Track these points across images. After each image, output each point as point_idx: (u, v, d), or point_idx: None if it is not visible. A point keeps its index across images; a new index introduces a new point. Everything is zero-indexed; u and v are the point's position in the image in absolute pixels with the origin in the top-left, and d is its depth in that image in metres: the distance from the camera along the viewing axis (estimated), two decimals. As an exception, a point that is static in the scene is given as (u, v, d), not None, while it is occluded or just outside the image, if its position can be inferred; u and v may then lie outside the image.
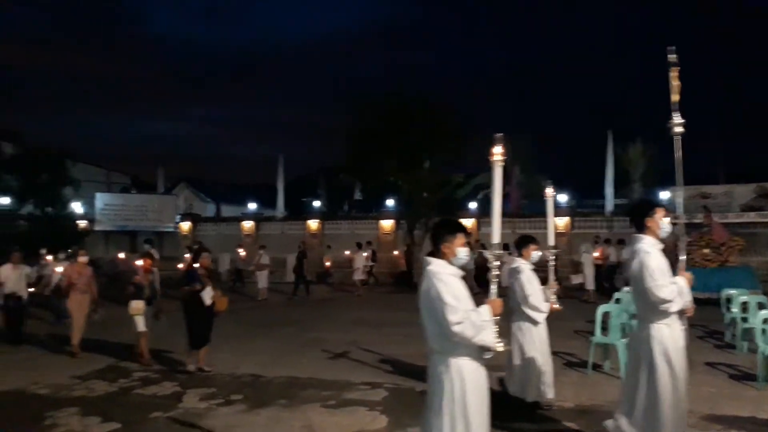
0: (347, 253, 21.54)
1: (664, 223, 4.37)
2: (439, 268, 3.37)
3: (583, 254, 16.79)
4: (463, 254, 3.43)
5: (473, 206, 25.99)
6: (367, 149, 21.80)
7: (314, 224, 27.22)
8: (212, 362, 7.97)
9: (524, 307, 5.75)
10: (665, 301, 4.11)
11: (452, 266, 3.40)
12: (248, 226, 28.38)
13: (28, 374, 7.85)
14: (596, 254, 16.97)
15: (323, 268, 22.49)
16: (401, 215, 24.46)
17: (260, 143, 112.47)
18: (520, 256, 6.01)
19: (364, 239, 21.55)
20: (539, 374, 5.69)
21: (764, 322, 7.02)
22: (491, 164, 3.35)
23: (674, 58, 4.36)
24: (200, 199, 41.79)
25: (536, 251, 5.99)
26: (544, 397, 5.74)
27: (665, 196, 21.42)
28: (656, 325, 4.20)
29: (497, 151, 3.35)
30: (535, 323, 5.75)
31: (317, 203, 33.36)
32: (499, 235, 3.37)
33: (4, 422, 5.88)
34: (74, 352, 8.99)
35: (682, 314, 4.29)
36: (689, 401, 4.51)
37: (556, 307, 5.88)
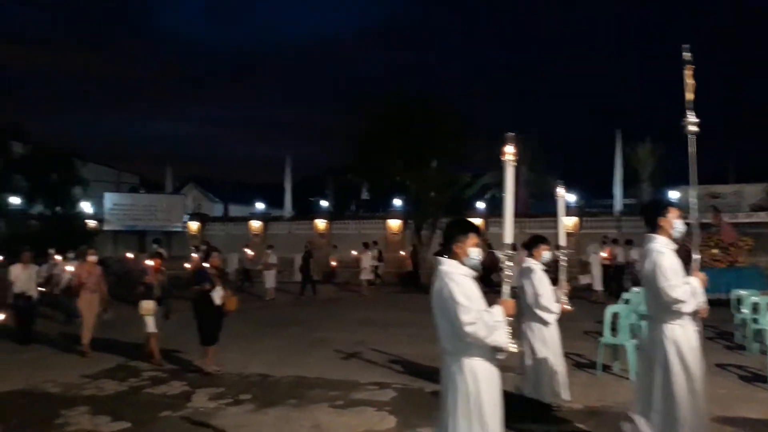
0: (354, 253, 21.57)
1: (677, 222, 4.33)
2: (451, 268, 3.36)
3: (591, 254, 16.74)
4: (475, 254, 3.42)
5: (481, 206, 25.97)
6: (373, 149, 21.82)
7: (322, 224, 27.28)
8: (220, 362, 7.99)
9: (535, 307, 5.72)
10: (678, 301, 4.07)
11: (464, 266, 3.39)
12: (256, 225, 28.47)
13: (38, 373, 7.91)
14: (604, 254, 16.90)
15: (329, 267, 22.52)
16: (409, 215, 24.46)
17: (268, 143, 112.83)
18: (530, 256, 5.97)
19: (371, 239, 21.56)
20: (552, 375, 5.65)
21: (775, 323, 6.97)
22: (503, 164, 3.32)
23: (689, 56, 4.30)
24: (208, 198, 41.98)
25: (547, 251, 5.96)
26: (559, 398, 5.70)
27: (674, 195, 21.29)
28: (669, 325, 4.16)
29: (509, 150, 3.32)
30: (545, 324, 5.73)
31: (325, 203, 33.42)
32: (511, 235, 3.35)
33: (15, 420, 5.93)
34: (84, 351, 9.04)
35: (695, 315, 4.25)
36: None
37: (567, 308, 5.84)
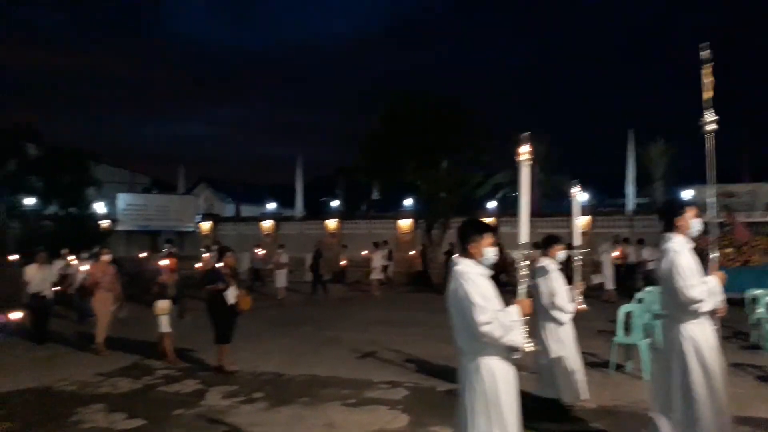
0: (364, 252, 21.58)
1: (694, 222, 4.29)
2: (466, 268, 3.35)
3: (602, 254, 16.63)
4: (491, 254, 3.41)
5: (492, 205, 25.88)
6: (383, 149, 21.79)
7: (332, 224, 27.30)
8: (233, 361, 8.03)
9: (550, 307, 5.68)
10: (696, 301, 4.04)
11: (480, 266, 3.38)
12: (267, 225, 28.56)
13: (53, 371, 8.01)
14: (616, 254, 16.81)
15: (339, 267, 22.54)
16: (419, 215, 24.42)
17: (279, 144, 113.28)
18: (545, 255, 5.95)
19: (382, 239, 21.55)
20: (569, 374, 5.62)
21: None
22: (518, 164, 3.30)
23: (707, 54, 4.26)
24: (220, 199, 42.17)
25: (562, 251, 5.93)
26: (577, 397, 5.67)
27: (688, 194, 21.10)
28: (686, 324, 4.12)
29: (524, 150, 3.30)
30: (560, 323, 5.70)
31: (335, 203, 33.46)
32: (527, 234, 3.33)
33: (31, 418, 6.00)
34: (99, 350, 9.13)
35: (713, 314, 4.21)
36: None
37: (582, 307, 5.81)
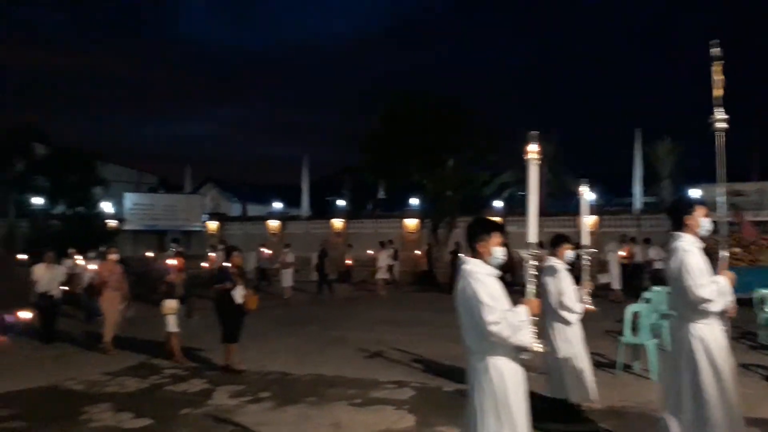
0: (370, 252, 21.59)
1: (703, 221, 4.26)
2: (475, 267, 3.34)
3: (609, 253, 16.58)
4: (499, 254, 3.39)
5: (499, 204, 25.81)
6: (388, 149, 21.79)
7: (338, 223, 27.33)
8: (241, 360, 8.03)
9: (558, 307, 5.67)
10: (705, 300, 4.00)
11: (488, 265, 3.37)
12: (274, 225, 28.63)
13: (61, 370, 8.05)
14: (622, 253, 16.74)
15: (345, 267, 22.57)
16: (425, 214, 24.41)
17: (285, 143, 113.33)
18: (553, 255, 5.92)
19: (388, 238, 21.55)
20: (577, 375, 5.59)
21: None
22: (527, 163, 3.29)
23: (718, 51, 4.22)
24: (226, 198, 42.28)
25: (570, 251, 5.90)
26: (586, 398, 5.64)
27: (696, 193, 20.99)
28: (696, 324, 4.08)
29: (533, 149, 3.29)
30: (568, 323, 5.67)
31: (341, 202, 33.49)
32: (536, 234, 3.31)
33: (40, 416, 6.03)
34: (107, 349, 9.18)
35: (723, 314, 4.18)
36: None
37: (590, 307, 5.77)
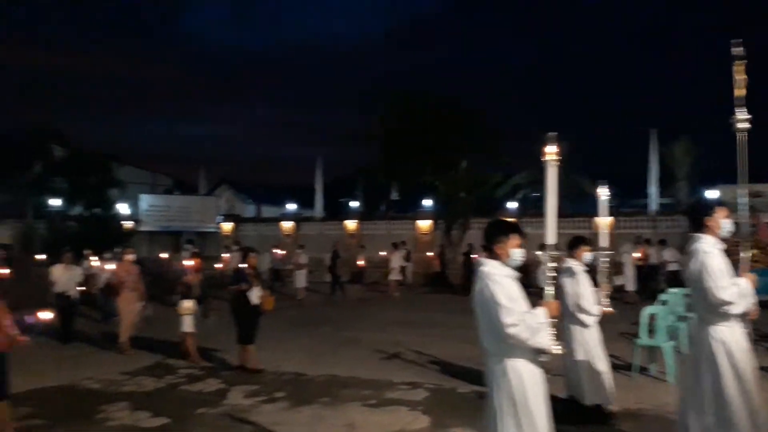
0: (382, 253, 21.59)
1: (724, 222, 4.20)
2: (492, 269, 3.32)
3: (623, 255, 16.43)
4: (517, 255, 3.38)
5: (512, 206, 25.72)
6: (401, 150, 21.78)
7: (352, 225, 27.37)
8: (258, 361, 8.00)
9: (575, 309, 5.62)
10: (726, 303, 3.94)
11: (506, 267, 3.36)
12: (288, 226, 28.75)
13: (79, 370, 8.14)
14: (637, 255, 16.59)
15: (357, 268, 22.59)
16: (439, 215, 24.37)
17: (299, 144, 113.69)
18: (571, 257, 5.88)
19: (401, 240, 21.53)
20: (595, 377, 5.55)
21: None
22: (545, 164, 3.28)
23: (740, 51, 4.16)
24: (241, 200, 42.56)
25: (588, 253, 5.86)
26: (606, 400, 5.59)
27: (713, 194, 20.78)
28: (716, 327, 4.02)
29: (551, 150, 3.27)
30: (585, 326, 5.63)
31: (355, 204, 33.54)
32: (554, 235, 3.30)
33: (59, 415, 6.11)
34: (123, 348, 9.27)
35: (744, 317, 4.11)
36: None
37: (607, 310, 5.72)
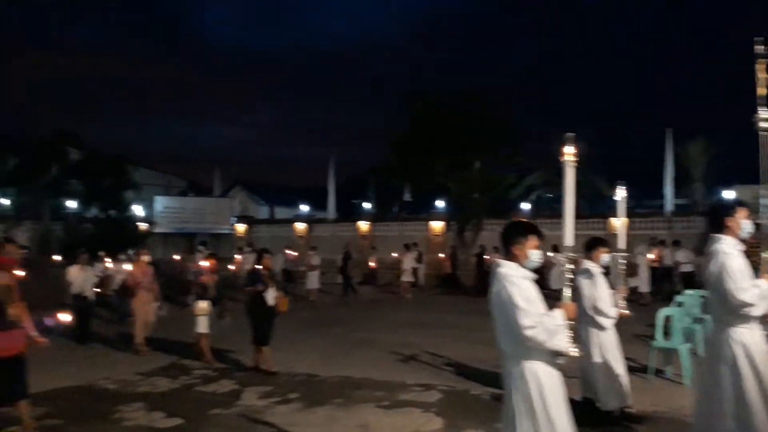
0: (395, 254, 21.60)
1: (745, 223, 4.12)
2: (510, 270, 3.29)
3: (638, 256, 16.29)
4: (535, 257, 3.35)
5: (526, 207, 25.60)
6: (414, 150, 21.78)
7: (364, 226, 27.40)
8: (273, 363, 8.01)
9: (592, 312, 5.58)
10: (747, 304, 3.87)
11: (524, 269, 3.32)
12: (301, 227, 28.85)
13: (95, 370, 8.23)
14: (651, 256, 16.43)
15: (369, 269, 22.60)
16: (451, 217, 24.32)
17: (312, 146, 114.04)
18: (589, 259, 5.84)
19: (413, 241, 21.52)
20: (612, 380, 5.50)
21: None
22: (563, 164, 3.25)
23: (762, 49, 4.10)
24: (254, 201, 42.83)
25: (606, 254, 5.82)
26: (622, 402, 5.54)
27: (730, 194, 20.51)
28: (736, 329, 3.95)
29: (569, 151, 3.24)
30: (602, 328, 5.59)
31: (367, 205, 33.57)
32: (572, 237, 3.26)
33: (75, 414, 6.18)
34: (139, 349, 9.36)
35: (764, 319, 4.04)
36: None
37: (624, 312, 5.67)
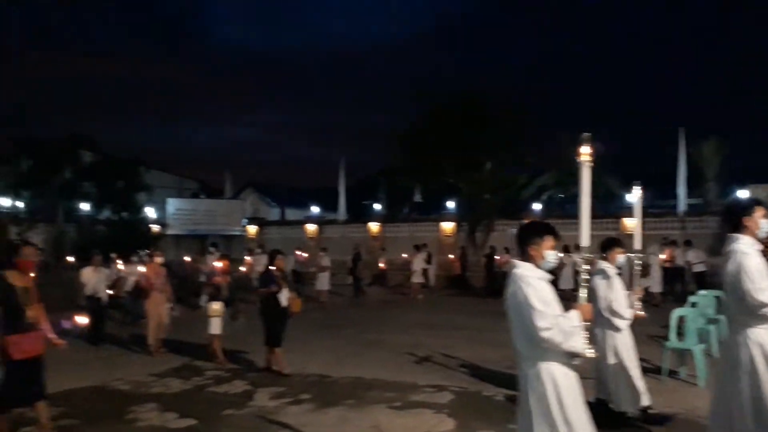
0: (404, 255, 21.60)
1: (763, 222, 4.07)
2: (526, 271, 3.27)
3: (650, 256, 16.17)
4: (551, 257, 3.33)
5: (537, 207, 25.50)
6: (424, 151, 21.76)
7: (375, 227, 27.42)
8: (286, 364, 8.01)
9: (607, 313, 5.53)
10: (765, 305, 3.81)
11: (540, 270, 3.30)
12: (311, 229, 28.93)
13: (108, 371, 8.29)
14: (663, 256, 16.32)
15: (378, 270, 22.62)
16: (462, 218, 24.27)
17: (322, 147, 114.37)
18: (604, 259, 5.81)
19: (424, 242, 21.52)
20: (627, 381, 5.48)
21: None
22: (579, 165, 3.23)
23: None
24: (265, 203, 43.02)
25: (621, 255, 5.78)
26: (637, 404, 5.50)
27: (745, 194, 20.33)
28: (754, 330, 3.89)
29: (585, 151, 3.21)
30: (618, 330, 5.55)
31: (378, 206, 33.61)
32: (588, 237, 3.24)
33: (90, 415, 6.23)
34: (153, 350, 9.43)
35: None
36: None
37: (640, 313, 5.63)
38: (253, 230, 30.99)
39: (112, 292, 12.34)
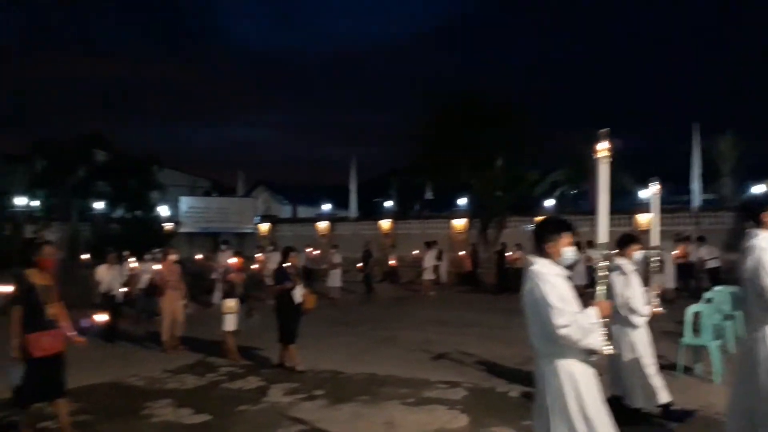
0: (415, 252, 21.58)
1: None
2: (543, 268, 3.25)
3: (663, 252, 16.03)
4: (569, 254, 3.31)
5: (550, 204, 25.38)
6: (437, 148, 21.74)
7: (386, 224, 27.43)
8: (300, 361, 8.02)
9: (624, 309, 5.50)
10: None
11: (558, 266, 3.29)
12: (323, 226, 29.01)
13: (123, 367, 8.36)
14: (676, 252, 16.17)
15: (389, 267, 22.63)
16: (474, 214, 24.22)
17: (334, 145, 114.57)
18: (621, 255, 5.76)
19: (435, 239, 21.50)
20: (643, 378, 5.44)
21: None
22: (596, 161, 3.21)
23: None
24: (277, 201, 43.16)
25: (638, 251, 5.73)
26: (654, 401, 5.46)
27: (760, 189, 20.10)
28: None
29: (602, 147, 3.19)
30: (635, 326, 5.52)
31: (389, 203, 33.62)
32: (606, 234, 3.22)
33: (105, 411, 6.30)
34: (167, 347, 9.50)
35: None
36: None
37: (657, 310, 5.59)
38: (265, 228, 31.11)
39: (126, 289, 12.46)
